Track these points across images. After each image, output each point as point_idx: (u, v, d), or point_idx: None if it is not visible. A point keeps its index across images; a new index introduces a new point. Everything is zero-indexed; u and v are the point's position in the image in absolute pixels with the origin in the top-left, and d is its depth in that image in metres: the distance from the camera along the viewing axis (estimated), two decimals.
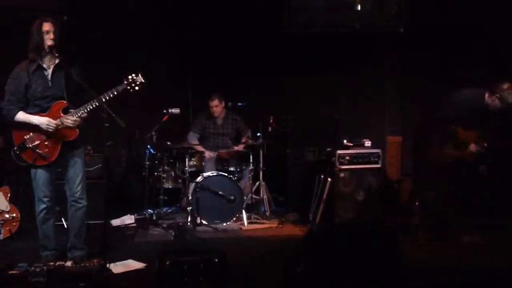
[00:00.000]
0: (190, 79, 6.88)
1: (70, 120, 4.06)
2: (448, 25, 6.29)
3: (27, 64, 4.12)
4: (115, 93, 4.07)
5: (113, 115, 3.99)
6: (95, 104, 4.03)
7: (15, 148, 4.07)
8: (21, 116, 4.07)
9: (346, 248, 3.30)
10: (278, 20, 6.78)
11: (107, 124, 4.00)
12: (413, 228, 5.04)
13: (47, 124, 4.03)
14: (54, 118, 4.07)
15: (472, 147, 4.95)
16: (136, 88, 4.15)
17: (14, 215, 5.25)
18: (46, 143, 4.08)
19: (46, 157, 4.08)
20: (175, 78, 6.77)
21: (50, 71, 4.13)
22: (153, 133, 6.01)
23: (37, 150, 4.05)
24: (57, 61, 4.12)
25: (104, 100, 4.02)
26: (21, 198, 5.57)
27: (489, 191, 5.31)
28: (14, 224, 5.23)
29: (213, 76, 6.76)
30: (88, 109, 4.06)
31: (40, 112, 4.10)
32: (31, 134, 4.06)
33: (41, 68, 4.12)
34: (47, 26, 4.04)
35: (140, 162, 6.28)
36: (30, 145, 4.05)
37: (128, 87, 4.13)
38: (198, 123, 6.61)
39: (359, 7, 6.82)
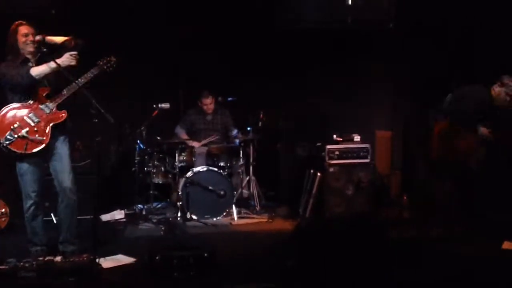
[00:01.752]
0: (181, 74, 6.85)
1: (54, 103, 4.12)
2: (438, 20, 6.31)
3: (9, 62, 4.11)
4: (93, 74, 4.24)
5: (102, 110, 4.00)
6: (76, 87, 4.12)
7: (2, 141, 3.98)
8: (35, 68, 4.04)
9: (336, 242, 3.32)
10: (269, 15, 6.76)
11: (96, 120, 4.03)
12: (402, 222, 5.05)
13: (70, 57, 4.06)
14: (39, 104, 4.10)
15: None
16: (111, 68, 4.38)
17: (3, 210, 5.23)
18: (35, 128, 4.06)
19: (40, 140, 4.04)
20: (165, 73, 6.74)
21: (34, 63, 4.15)
22: (143, 128, 5.99)
23: (28, 136, 4.01)
24: (38, 55, 4.17)
25: (83, 81, 4.15)
26: (10, 193, 5.54)
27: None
28: (3, 219, 5.21)
29: (203, 71, 6.74)
30: (71, 91, 4.14)
31: (24, 100, 4.11)
32: (17, 123, 4.02)
33: (26, 61, 4.14)
34: (25, 29, 4.11)
35: (130, 157, 6.26)
36: (19, 134, 4.00)
37: (104, 68, 4.34)
38: (187, 119, 6.60)
39: (349, 2, 6.81)
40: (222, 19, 6.72)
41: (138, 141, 6.08)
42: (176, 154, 6.00)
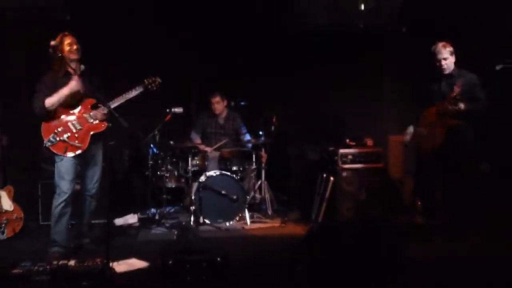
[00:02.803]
0: (194, 79, 6.89)
1: (100, 114, 4.48)
2: (450, 23, 6.27)
3: (54, 72, 4.46)
4: (138, 92, 4.66)
5: (116, 115, 4.26)
6: (121, 100, 4.54)
7: (45, 142, 4.34)
8: (50, 100, 4.34)
9: (348, 247, 3.31)
10: (281, 19, 6.78)
11: (110, 124, 4.26)
12: (415, 228, 5.01)
13: (74, 84, 4.35)
14: (83, 113, 4.48)
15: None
16: (155, 88, 4.78)
17: (18, 214, 5.27)
18: (76, 135, 4.42)
19: (78, 146, 4.41)
20: (179, 78, 6.77)
21: (76, 76, 4.45)
22: (156, 132, 6.01)
23: (68, 141, 4.37)
24: (82, 67, 4.51)
25: (128, 97, 4.58)
26: (25, 198, 5.60)
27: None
28: (17, 223, 5.26)
29: (216, 75, 6.77)
30: (117, 103, 4.51)
31: (69, 109, 4.46)
32: (61, 127, 4.39)
33: (68, 74, 4.45)
34: (69, 39, 4.44)
35: (143, 161, 6.29)
36: (61, 138, 4.37)
37: (148, 87, 4.74)
38: (199, 122, 6.64)
39: (362, 7, 6.81)
40: (235, 24, 6.75)
41: (151, 145, 6.11)
42: (189, 158, 6.02)
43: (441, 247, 4.58)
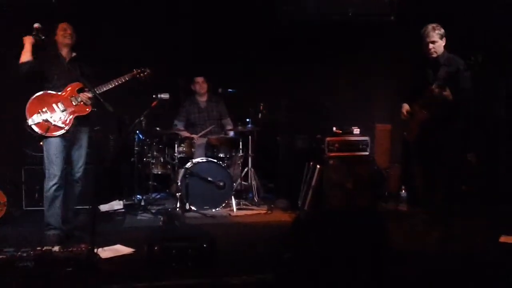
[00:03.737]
0: (181, 65, 6.83)
1: (85, 96, 4.51)
2: (439, 12, 6.27)
3: (44, 53, 4.51)
4: (125, 80, 4.70)
5: (101, 99, 4.28)
6: (108, 86, 4.59)
7: (29, 120, 4.37)
8: (23, 59, 4.40)
9: (334, 235, 3.31)
10: (270, 7, 6.74)
11: (95, 109, 4.23)
12: (401, 215, 5.04)
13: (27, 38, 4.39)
14: (69, 96, 4.50)
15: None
16: (144, 78, 4.89)
17: (1, 200, 5.21)
18: (60, 116, 4.46)
19: (61, 127, 4.43)
20: (166, 64, 6.71)
21: (66, 60, 4.58)
22: (142, 118, 5.96)
23: (51, 121, 4.41)
24: (73, 54, 4.64)
25: (115, 84, 4.62)
26: (8, 184, 5.54)
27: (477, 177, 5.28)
28: (0, 209, 5.20)
29: (204, 63, 6.73)
30: (104, 89, 4.56)
31: (58, 89, 4.50)
32: (46, 108, 4.42)
33: (58, 56, 4.55)
34: (64, 25, 4.58)
35: (129, 147, 6.24)
36: (44, 117, 4.40)
37: (137, 76, 4.83)
38: (182, 110, 6.60)
39: None
40: (223, 12, 6.69)
41: (138, 132, 6.07)
42: (176, 145, 5.99)
43: (423, 235, 4.59)
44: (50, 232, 4.43)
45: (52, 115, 4.43)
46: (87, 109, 4.55)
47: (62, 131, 4.44)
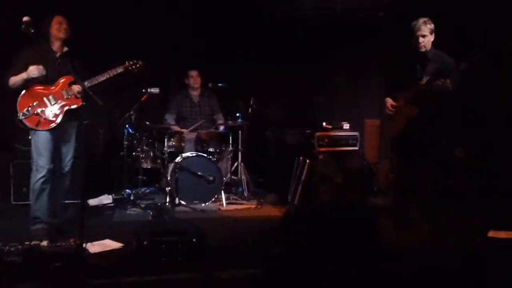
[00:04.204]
0: (171, 59, 6.80)
1: (76, 89, 4.46)
2: (429, 9, 6.29)
3: (36, 46, 4.43)
4: (117, 72, 4.65)
5: (90, 93, 4.24)
6: (100, 79, 4.53)
7: (19, 114, 4.34)
8: (12, 78, 4.37)
9: (324, 230, 3.32)
10: (261, 3, 6.72)
11: (85, 103, 4.18)
12: (390, 210, 5.04)
13: (33, 70, 4.32)
14: (60, 90, 4.46)
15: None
16: (136, 70, 4.81)
17: None
18: (50, 110, 4.42)
19: (51, 121, 4.40)
20: (156, 58, 6.67)
21: (58, 54, 4.52)
22: (132, 112, 5.94)
23: (42, 115, 4.38)
24: (65, 49, 4.58)
25: (107, 76, 4.56)
26: None
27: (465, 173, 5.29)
28: None
29: (194, 57, 6.71)
30: (96, 82, 4.50)
31: (48, 83, 4.45)
32: (36, 102, 4.38)
33: (49, 50, 4.47)
34: (59, 18, 4.52)
35: (118, 141, 6.21)
36: (35, 111, 4.37)
37: (129, 69, 4.76)
38: (173, 103, 6.58)
39: None
40: (213, 6, 6.67)
41: (127, 126, 6.04)
42: (165, 139, 5.97)
43: (412, 231, 4.61)
44: (37, 226, 4.39)
45: (43, 109, 4.39)
46: (79, 102, 4.51)
47: (53, 125, 4.41)
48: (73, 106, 4.50)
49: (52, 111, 4.42)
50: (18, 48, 4.48)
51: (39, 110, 4.38)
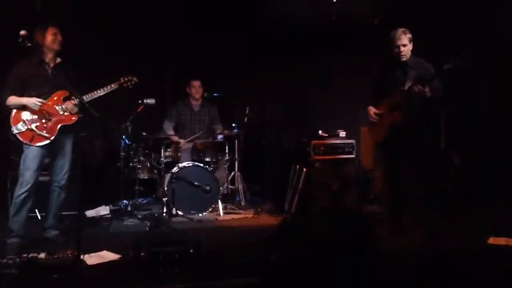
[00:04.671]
0: (167, 70, 6.84)
1: (70, 104, 4.47)
2: (424, 15, 6.34)
3: (29, 59, 4.46)
4: (112, 89, 4.70)
5: (87, 105, 4.30)
6: (95, 95, 4.57)
7: (13, 128, 4.33)
8: (12, 99, 4.36)
9: (321, 238, 3.33)
10: (255, 11, 6.76)
11: (81, 115, 4.23)
12: (386, 217, 5.05)
13: (34, 103, 4.33)
14: (54, 104, 4.46)
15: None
16: (130, 86, 4.90)
17: None
18: (45, 125, 4.42)
19: (46, 136, 4.40)
20: (152, 69, 6.71)
21: (51, 66, 4.53)
22: (128, 123, 5.96)
23: (36, 130, 4.36)
24: (58, 60, 4.58)
25: (103, 92, 4.61)
26: None
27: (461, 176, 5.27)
28: None
29: (190, 67, 6.74)
30: (90, 98, 4.53)
31: (42, 97, 4.42)
32: (30, 117, 4.38)
33: (42, 62, 4.48)
34: (54, 29, 4.51)
35: (115, 152, 6.22)
36: (29, 126, 4.36)
37: (124, 85, 4.83)
38: (173, 110, 6.60)
39: None
40: (208, 15, 6.70)
41: (124, 136, 6.05)
42: (162, 150, 5.98)
43: (409, 237, 4.62)
44: (12, 240, 4.36)
45: (37, 124, 4.39)
46: (73, 118, 4.52)
47: (47, 141, 4.41)
48: (68, 123, 4.51)
49: (47, 126, 4.42)
50: (12, 58, 4.47)
51: (33, 125, 4.38)
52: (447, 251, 4.23)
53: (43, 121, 4.42)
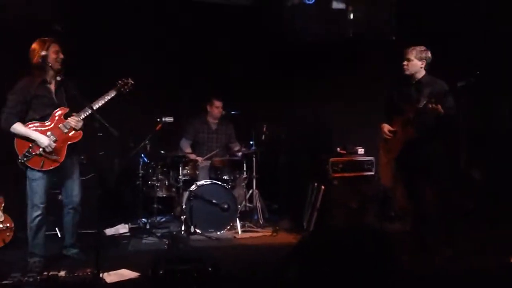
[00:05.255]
0: (184, 88, 6.89)
1: (73, 121, 4.33)
2: (440, 31, 6.32)
3: (31, 78, 4.32)
4: (111, 95, 4.49)
5: (106, 124, 4.22)
6: (94, 107, 4.37)
7: (20, 158, 4.22)
8: (18, 127, 4.23)
9: (339, 256, 3.30)
10: (272, 28, 6.79)
11: (100, 134, 4.20)
12: (407, 235, 4.99)
13: (47, 145, 4.22)
14: (57, 124, 4.32)
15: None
16: (128, 90, 4.65)
17: (8, 225, 5.22)
18: (52, 148, 4.27)
19: (55, 159, 4.28)
20: (169, 87, 6.77)
21: (53, 85, 4.40)
22: (147, 141, 6.01)
23: (44, 155, 4.23)
24: (58, 78, 4.42)
25: (101, 103, 4.43)
26: (15, 208, 5.54)
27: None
28: (8, 234, 5.20)
29: (207, 85, 6.78)
30: (89, 111, 4.35)
31: (41, 119, 4.31)
32: (35, 142, 4.23)
33: (45, 82, 4.35)
34: (56, 47, 4.35)
35: (133, 171, 6.26)
36: (36, 152, 4.22)
37: (121, 90, 4.59)
38: (190, 128, 6.62)
39: (351, 16, 6.85)
40: (224, 33, 6.76)
41: (142, 155, 6.10)
42: (180, 168, 6.00)
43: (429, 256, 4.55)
44: (34, 259, 4.36)
45: (44, 148, 4.24)
46: (78, 135, 4.40)
47: (57, 164, 4.31)
48: (75, 140, 4.40)
49: (54, 148, 4.27)
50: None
51: (40, 150, 4.23)
52: (469, 270, 4.17)
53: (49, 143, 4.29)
